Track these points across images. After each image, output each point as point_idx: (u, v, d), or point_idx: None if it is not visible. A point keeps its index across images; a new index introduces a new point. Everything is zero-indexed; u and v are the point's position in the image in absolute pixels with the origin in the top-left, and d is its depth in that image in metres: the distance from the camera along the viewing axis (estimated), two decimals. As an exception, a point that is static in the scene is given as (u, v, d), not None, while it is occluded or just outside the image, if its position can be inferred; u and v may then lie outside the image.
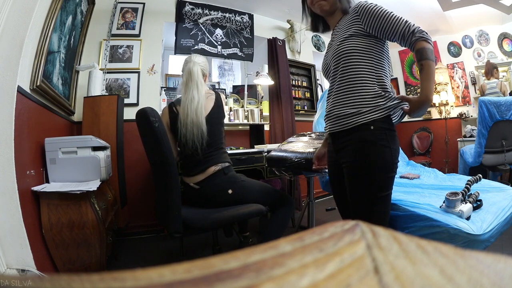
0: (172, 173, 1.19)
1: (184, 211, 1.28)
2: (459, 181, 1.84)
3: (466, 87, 4.20)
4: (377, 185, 0.97)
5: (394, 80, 4.82)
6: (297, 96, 3.84)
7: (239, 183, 1.47)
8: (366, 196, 0.99)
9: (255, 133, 3.22)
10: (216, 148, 1.50)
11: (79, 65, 2.27)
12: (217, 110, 1.53)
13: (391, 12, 0.99)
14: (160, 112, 2.63)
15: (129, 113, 2.48)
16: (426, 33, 0.97)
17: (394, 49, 4.70)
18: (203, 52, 3.05)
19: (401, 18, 0.99)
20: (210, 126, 1.46)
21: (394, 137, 0.99)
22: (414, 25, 0.98)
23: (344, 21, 1.06)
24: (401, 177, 2.11)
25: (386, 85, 1.02)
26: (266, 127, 3.28)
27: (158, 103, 2.72)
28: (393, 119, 1.02)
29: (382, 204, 1.01)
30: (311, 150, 1.54)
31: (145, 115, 1.16)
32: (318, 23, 1.21)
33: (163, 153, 1.17)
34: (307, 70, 4.02)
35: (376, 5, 1.00)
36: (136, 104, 2.62)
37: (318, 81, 4.05)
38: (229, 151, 2.05)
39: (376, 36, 1.01)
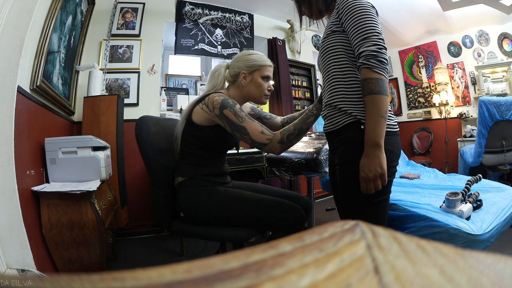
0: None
1: None
2: (459, 181, 1.84)
3: (466, 87, 4.20)
4: None
5: (394, 80, 4.82)
6: (297, 96, 3.84)
7: (194, 203, 1.12)
8: (357, 202, 0.91)
9: (255, 133, 3.21)
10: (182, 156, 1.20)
11: (79, 65, 2.27)
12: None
13: (363, 15, 0.85)
14: (160, 113, 2.67)
15: (129, 113, 2.49)
16: (375, 57, 0.81)
17: (394, 49, 4.70)
18: (203, 52, 3.05)
19: (363, 28, 0.84)
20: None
21: (389, 137, 0.88)
22: (369, 44, 0.82)
23: (332, 16, 0.98)
24: (401, 177, 2.12)
25: None
26: (266, 127, 3.28)
27: (158, 103, 2.72)
28: None
29: (377, 210, 0.92)
30: (311, 150, 1.54)
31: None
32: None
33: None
34: (307, 70, 4.02)
35: (355, 2, 0.87)
36: (136, 104, 2.62)
37: (318, 81, 4.05)
38: (229, 151, 1.98)
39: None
